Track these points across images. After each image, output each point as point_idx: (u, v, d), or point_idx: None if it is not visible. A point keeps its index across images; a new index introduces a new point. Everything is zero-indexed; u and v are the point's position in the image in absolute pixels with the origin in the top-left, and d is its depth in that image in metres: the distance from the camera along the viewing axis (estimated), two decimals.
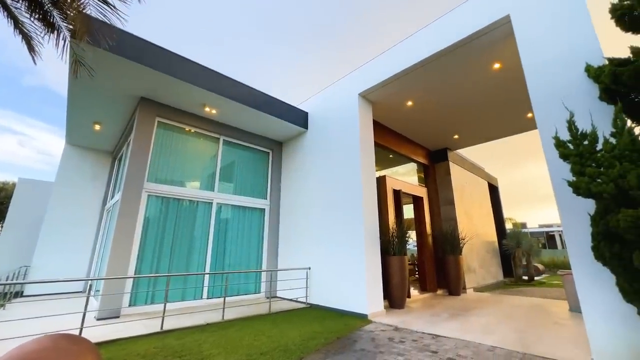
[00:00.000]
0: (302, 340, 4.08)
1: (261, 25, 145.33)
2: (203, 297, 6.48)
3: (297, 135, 8.43)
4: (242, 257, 7.47)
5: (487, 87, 6.40)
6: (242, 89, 6.89)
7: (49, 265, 8.19)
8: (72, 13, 2.57)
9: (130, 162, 6.04)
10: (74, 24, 2.60)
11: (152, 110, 6.51)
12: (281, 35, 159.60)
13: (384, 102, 7.01)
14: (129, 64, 5.23)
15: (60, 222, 8.65)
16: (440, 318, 5.43)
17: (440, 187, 9.52)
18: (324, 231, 6.82)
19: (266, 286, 7.44)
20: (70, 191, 8.95)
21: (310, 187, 7.55)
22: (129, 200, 5.84)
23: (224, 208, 7.43)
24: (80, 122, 7.62)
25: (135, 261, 5.78)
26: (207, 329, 4.68)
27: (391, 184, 7.63)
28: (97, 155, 9.58)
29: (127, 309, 5.46)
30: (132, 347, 3.81)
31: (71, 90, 6.08)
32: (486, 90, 6.51)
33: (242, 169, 8.13)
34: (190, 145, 7.28)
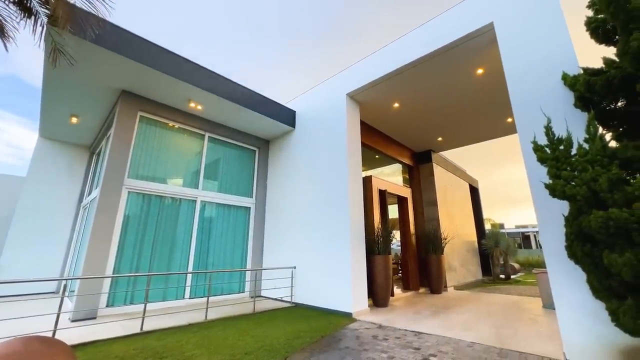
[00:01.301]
0: (286, 340, 4.07)
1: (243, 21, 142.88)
2: (185, 297, 6.33)
3: (284, 133, 8.39)
4: (226, 256, 7.35)
5: (470, 92, 6.60)
6: (228, 85, 6.77)
7: (18, 264, 7.73)
8: None
9: (109, 158, 5.81)
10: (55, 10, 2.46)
11: (134, 104, 6.29)
12: (265, 32, 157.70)
13: (372, 103, 7.09)
14: (109, 55, 5.02)
15: (32, 219, 8.19)
16: (423, 316, 5.56)
17: (424, 188, 9.73)
18: (310, 230, 6.82)
19: (250, 285, 7.36)
20: (43, 187, 8.50)
21: (296, 186, 7.53)
22: (108, 196, 5.62)
23: (208, 206, 7.28)
24: (55, 114, 7.24)
25: (114, 260, 5.57)
26: (189, 329, 4.58)
27: (377, 184, 7.73)
28: (74, 150, 9.15)
29: (104, 309, 5.26)
30: (109, 349, 3.67)
31: (46, 80, 5.76)
32: (469, 94, 6.71)
33: (227, 167, 8.00)
34: (174, 142, 7.08)
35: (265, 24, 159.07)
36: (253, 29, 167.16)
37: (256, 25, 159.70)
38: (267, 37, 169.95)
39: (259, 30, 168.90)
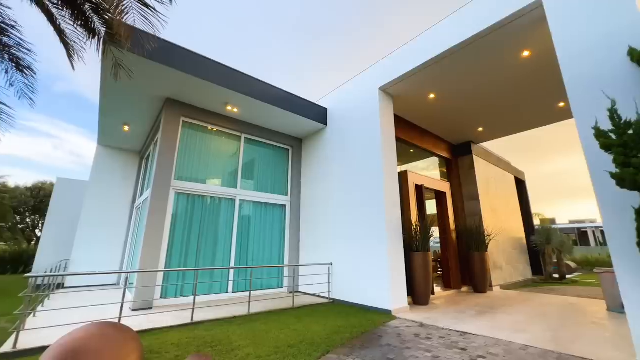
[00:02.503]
0: (327, 334, 4.12)
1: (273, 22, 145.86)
2: (228, 291, 6.68)
3: (317, 131, 8.45)
4: (264, 253, 7.62)
5: (514, 77, 6.12)
6: (262, 86, 6.98)
7: (86, 259, 8.73)
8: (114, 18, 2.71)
9: (158, 161, 6.29)
10: (116, 30, 2.74)
11: (177, 110, 6.73)
12: (293, 33, 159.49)
13: (405, 96, 6.87)
14: (158, 67, 5.42)
15: (95, 218, 9.17)
16: (467, 315, 5.30)
17: (463, 181, 9.23)
18: (345, 227, 6.82)
19: (289, 281, 7.56)
20: (102, 190, 9.46)
21: (330, 182, 7.56)
22: (158, 197, 6.09)
23: (246, 204, 7.59)
24: (110, 124, 8.01)
25: (165, 255, 6.04)
26: (234, 321, 4.83)
27: (413, 179, 7.49)
28: (126, 155, 10.05)
29: (158, 300, 5.73)
30: (166, 336, 4.00)
31: (103, 94, 6.40)
32: (514, 79, 6.22)
33: (263, 166, 8.26)
34: (213, 144, 7.48)
35: (293, 25, 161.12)
36: (281, 31, 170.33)
37: (283, 26, 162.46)
38: (294, 38, 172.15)
39: (288, 32, 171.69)
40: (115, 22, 2.73)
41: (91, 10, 2.74)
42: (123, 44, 2.90)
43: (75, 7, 2.70)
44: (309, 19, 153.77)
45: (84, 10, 2.73)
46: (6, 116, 3.39)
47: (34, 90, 3.26)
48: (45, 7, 2.73)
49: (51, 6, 2.75)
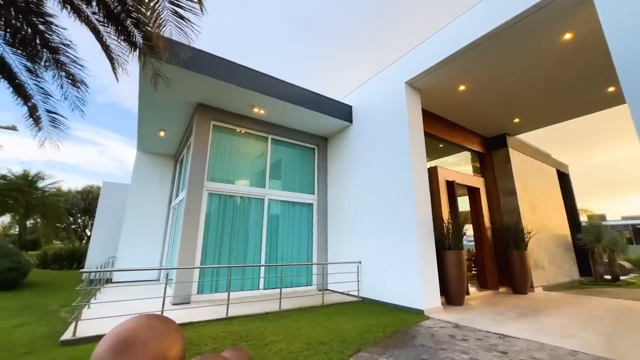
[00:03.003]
0: (358, 333, 4.10)
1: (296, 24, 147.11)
2: (260, 288, 6.88)
3: (342, 129, 8.42)
4: (293, 251, 7.75)
5: (555, 62, 5.67)
6: (286, 87, 7.08)
7: (130, 256, 9.42)
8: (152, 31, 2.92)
9: (191, 164, 6.61)
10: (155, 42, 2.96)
11: (208, 114, 7.03)
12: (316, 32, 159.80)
13: (433, 89, 6.63)
14: (190, 74, 5.71)
15: (136, 218, 9.86)
16: (506, 317, 5.02)
17: (498, 176, 8.74)
18: (373, 225, 6.74)
19: (317, 279, 7.63)
20: (142, 192, 10.14)
21: (357, 180, 7.50)
22: (193, 198, 6.41)
23: (274, 204, 7.76)
24: (148, 130, 8.56)
25: (200, 253, 6.35)
26: (266, 317, 4.97)
27: (443, 174, 7.22)
28: (163, 159, 10.69)
29: (195, 296, 6.04)
30: (203, 330, 4.21)
31: (141, 103, 6.85)
32: (554, 65, 5.77)
33: (290, 166, 8.39)
34: (242, 146, 7.73)
35: (315, 24, 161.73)
36: (304, 31, 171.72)
37: (306, 26, 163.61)
38: (317, 36, 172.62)
39: (310, 31, 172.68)
40: (154, 35, 2.93)
41: (132, 25, 2.96)
42: (161, 55, 3.10)
43: (118, 22, 2.94)
44: (329, 18, 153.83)
45: (126, 25, 2.97)
46: (63, 127, 3.77)
47: (84, 103, 3.59)
48: (92, 25, 3.00)
49: (98, 24, 3.01)
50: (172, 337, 2.46)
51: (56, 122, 3.74)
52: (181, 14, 2.79)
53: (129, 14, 2.93)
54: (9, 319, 4.78)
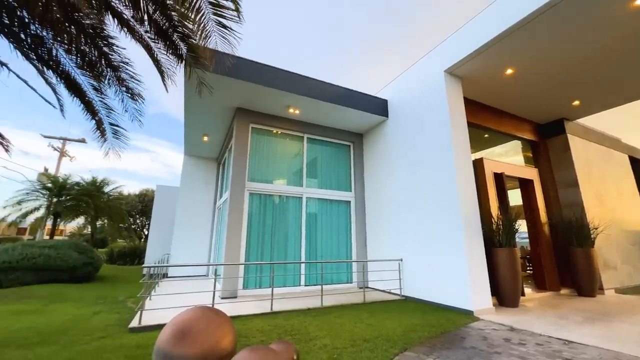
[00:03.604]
0: (403, 331, 4.00)
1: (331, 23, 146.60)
2: (301, 284, 7.04)
3: (378, 124, 8.24)
4: (332, 248, 7.79)
5: (623, 33, 4.96)
6: (320, 86, 7.12)
7: (182, 253, 10.22)
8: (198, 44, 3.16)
9: (233, 165, 6.96)
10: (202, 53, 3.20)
11: (246, 117, 7.34)
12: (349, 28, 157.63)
13: (476, 75, 6.19)
14: (231, 80, 6.01)
15: (186, 218, 10.66)
16: (571, 321, 4.54)
17: (556, 166, 7.90)
18: (414, 222, 6.51)
19: (358, 276, 7.58)
20: (190, 193, 10.93)
21: (395, 176, 7.30)
22: (236, 198, 6.75)
23: (312, 202, 7.86)
24: (193, 136, 9.19)
25: (244, 250, 6.66)
26: (309, 313, 5.06)
27: (490, 167, 6.72)
28: (207, 162, 11.41)
29: (241, 290, 6.36)
30: (250, 323, 4.42)
31: (186, 110, 7.38)
32: (622, 36, 5.04)
33: (326, 164, 8.43)
34: (279, 146, 7.95)
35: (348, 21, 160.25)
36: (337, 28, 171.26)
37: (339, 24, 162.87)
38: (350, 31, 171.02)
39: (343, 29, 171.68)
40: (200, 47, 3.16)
41: (179, 39, 3.21)
42: (207, 66, 3.32)
43: (166, 37, 3.21)
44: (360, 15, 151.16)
45: (173, 40, 3.23)
46: (124, 137, 4.22)
47: (141, 114, 3.98)
48: (145, 43, 3.32)
49: (150, 41, 3.32)
50: (225, 328, 2.63)
51: (118, 134, 4.20)
52: (224, 24, 2.95)
53: (175, 29, 3.17)
54: (88, 308, 5.47)
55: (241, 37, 2.99)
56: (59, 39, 3.16)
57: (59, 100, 4.11)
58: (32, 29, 3.11)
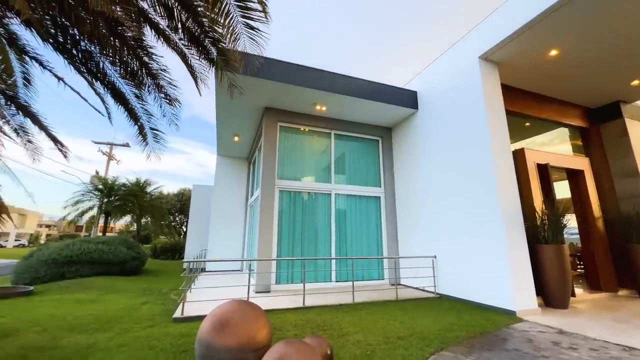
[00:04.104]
0: (438, 330, 3.88)
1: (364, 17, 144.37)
2: (332, 280, 7.08)
3: (407, 117, 7.99)
4: (362, 244, 7.73)
5: None
6: (345, 80, 7.04)
7: (217, 249, 10.74)
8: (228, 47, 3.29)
9: (263, 164, 7.14)
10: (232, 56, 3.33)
11: (274, 116, 7.48)
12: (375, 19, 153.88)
13: (514, 59, 5.75)
14: (259, 81, 6.15)
15: (220, 216, 11.16)
16: (632, 325, 4.10)
17: (611, 154, 7.13)
18: (448, 217, 6.25)
19: (389, 273, 7.46)
20: (223, 192, 11.42)
21: (426, 170, 7.05)
22: (266, 195, 6.93)
23: (341, 198, 7.84)
24: (225, 136, 9.57)
25: (276, 246, 6.84)
26: (341, 309, 5.08)
27: (533, 157, 6.23)
28: (238, 162, 11.84)
29: (274, 285, 6.54)
30: (284, 317, 4.54)
31: (218, 112, 7.69)
32: None
33: (354, 160, 8.36)
34: (307, 143, 8.01)
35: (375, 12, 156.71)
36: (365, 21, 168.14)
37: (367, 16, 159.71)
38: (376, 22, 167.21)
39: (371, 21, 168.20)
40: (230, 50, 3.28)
41: (210, 44, 3.36)
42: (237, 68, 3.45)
43: (198, 43, 3.37)
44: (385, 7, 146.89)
45: (205, 45, 3.38)
46: (163, 141, 4.52)
47: (178, 118, 4.23)
48: (179, 50, 3.51)
49: (184, 47, 3.51)
50: (261, 321, 2.72)
51: (157, 138, 4.50)
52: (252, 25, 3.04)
53: (206, 34, 3.31)
54: (137, 298, 5.95)
55: (269, 37, 3.05)
56: (104, 53, 3.46)
57: (107, 109, 4.49)
58: (82, 45, 3.42)
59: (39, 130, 4.19)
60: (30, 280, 7.62)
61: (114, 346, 3.36)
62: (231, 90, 4.04)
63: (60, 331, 3.85)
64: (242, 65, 3.40)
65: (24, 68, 4.05)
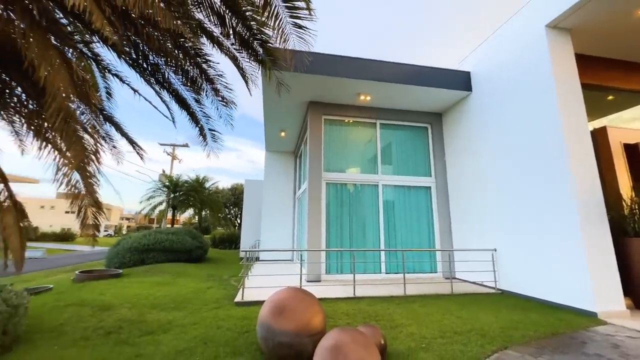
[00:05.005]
0: (501, 328, 3.63)
1: None
2: (382, 272, 7.03)
3: (459, 100, 7.43)
4: (413, 236, 7.49)
5: None
6: (390, 67, 6.79)
7: (269, 239, 11.38)
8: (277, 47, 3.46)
9: (309, 157, 7.31)
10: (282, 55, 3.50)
11: (319, 110, 7.56)
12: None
13: (592, 24, 4.94)
14: (304, 76, 6.23)
15: (271, 208, 11.76)
16: None
17: None
18: (510, 206, 5.73)
19: (443, 266, 7.14)
20: (273, 186, 11.99)
21: (483, 156, 6.51)
22: (314, 188, 7.10)
23: (389, 189, 7.67)
24: (272, 133, 9.98)
25: (325, 237, 7.00)
26: (392, 300, 5.04)
27: (617, 136, 5.35)
28: (285, 156, 12.28)
29: (324, 275, 6.73)
30: (336, 305, 4.66)
31: (265, 110, 8.04)
32: None
33: (401, 149, 8.08)
34: (351, 134, 7.97)
35: None
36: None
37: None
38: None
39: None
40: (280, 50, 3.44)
41: (258, 45, 3.54)
42: (288, 66, 3.59)
43: (248, 46, 3.58)
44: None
45: (254, 47, 3.57)
46: (220, 140, 4.92)
47: (232, 118, 4.56)
48: (231, 54, 3.76)
49: (235, 52, 3.75)
50: (315, 308, 2.85)
51: (215, 137, 4.92)
52: (299, 24, 3.12)
53: (255, 37, 3.49)
54: (203, 283, 6.63)
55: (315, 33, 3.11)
56: (169, 64, 3.86)
57: (171, 114, 5.02)
58: (151, 59, 3.87)
59: (120, 137, 4.86)
60: (118, 265, 8.97)
61: (188, 323, 3.82)
62: (279, 88, 4.21)
63: (144, 308, 4.49)
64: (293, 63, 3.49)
65: (106, 83, 4.72)
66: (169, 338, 3.34)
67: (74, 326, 3.68)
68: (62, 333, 3.46)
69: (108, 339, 3.32)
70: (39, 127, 3.49)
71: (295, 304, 2.84)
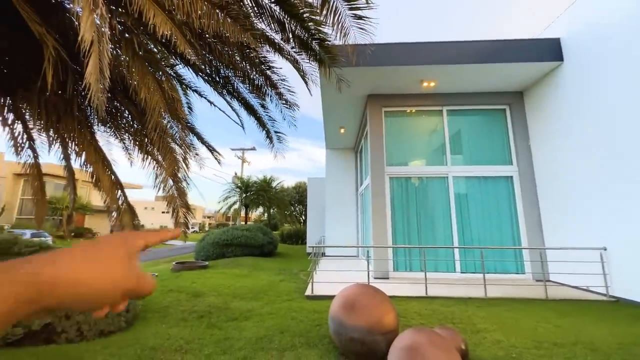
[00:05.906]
0: (619, 343, 2.99)
1: None
2: (456, 271, 6.49)
3: (547, 74, 6.34)
4: (492, 233, 6.71)
5: None
6: (459, 47, 6.18)
7: (333, 235, 11.56)
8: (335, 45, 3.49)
9: (371, 152, 7.15)
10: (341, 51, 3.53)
11: (378, 102, 7.33)
12: None
13: None
14: (363, 69, 5.99)
15: (334, 205, 11.92)
16: None
17: None
18: (623, 197, 4.66)
19: (533, 267, 6.22)
20: (335, 182, 12.12)
21: (582, 137, 5.44)
22: (377, 183, 6.93)
23: (460, 181, 7.02)
24: (331, 130, 10.07)
25: (391, 233, 6.78)
26: (470, 302, 4.62)
27: None
28: (345, 153, 12.29)
29: (392, 272, 6.53)
30: (407, 305, 4.47)
31: (324, 108, 8.15)
32: None
33: (473, 136, 7.32)
34: (415, 125, 7.54)
35: None
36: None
37: None
38: None
39: None
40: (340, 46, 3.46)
41: (317, 45, 3.60)
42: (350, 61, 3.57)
43: (307, 47, 3.67)
44: None
45: (312, 47, 3.64)
46: (285, 142, 5.19)
47: (295, 120, 4.76)
48: (292, 58, 3.92)
49: (295, 55, 3.89)
50: (386, 305, 2.77)
51: (280, 139, 5.19)
52: (360, 15, 3.07)
53: (313, 36, 3.56)
54: (275, 276, 7.11)
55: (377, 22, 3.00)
56: (237, 75, 4.22)
57: (241, 120, 5.48)
58: (222, 72, 4.28)
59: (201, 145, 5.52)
60: (205, 257, 10.24)
61: (265, 313, 4.14)
62: (339, 85, 4.20)
63: (228, 297, 5.02)
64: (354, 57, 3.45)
65: (187, 99, 5.40)
66: (249, 325, 3.67)
67: (175, 309, 4.33)
68: (166, 314, 4.10)
69: (201, 321, 3.82)
70: (141, 142, 4.20)
71: (366, 300, 2.81)
